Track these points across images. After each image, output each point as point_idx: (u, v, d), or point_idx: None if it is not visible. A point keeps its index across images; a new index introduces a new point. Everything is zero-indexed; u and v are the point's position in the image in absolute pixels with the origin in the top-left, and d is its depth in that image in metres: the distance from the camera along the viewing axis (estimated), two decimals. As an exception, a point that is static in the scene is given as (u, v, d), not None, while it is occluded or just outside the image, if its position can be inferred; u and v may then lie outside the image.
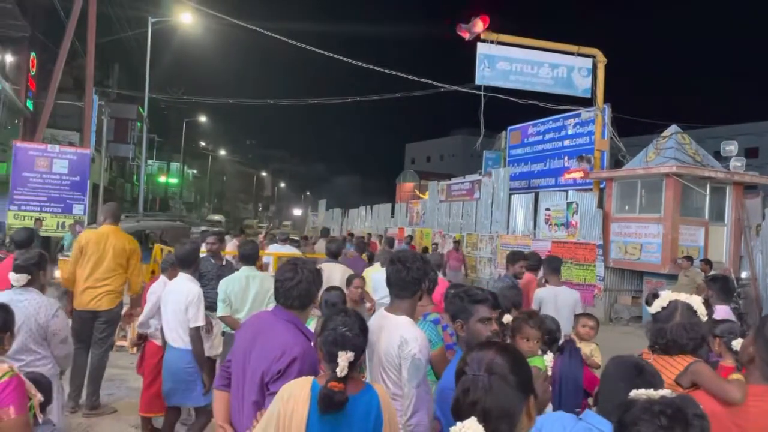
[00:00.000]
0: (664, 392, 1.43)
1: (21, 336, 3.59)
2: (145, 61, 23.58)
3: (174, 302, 4.52)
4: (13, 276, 3.76)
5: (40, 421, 2.81)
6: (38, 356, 3.72)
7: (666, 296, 2.74)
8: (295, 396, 2.18)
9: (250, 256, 5.35)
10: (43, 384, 3.05)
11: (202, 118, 49.49)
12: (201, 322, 4.50)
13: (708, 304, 2.80)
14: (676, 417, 1.33)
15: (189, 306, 4.46)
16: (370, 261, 8.88)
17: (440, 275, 6.16)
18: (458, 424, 1.41)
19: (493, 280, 13.65)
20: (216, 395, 2.87)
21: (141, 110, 29.26)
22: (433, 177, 30.76)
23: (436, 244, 18.31)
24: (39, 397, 2.80)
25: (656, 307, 2.73)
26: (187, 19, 22.01)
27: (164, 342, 4.71)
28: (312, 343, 2.62)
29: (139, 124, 32.97)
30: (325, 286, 3.84)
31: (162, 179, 49.74)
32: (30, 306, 3.70)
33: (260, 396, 2.55)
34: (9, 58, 22.70)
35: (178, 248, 4.85)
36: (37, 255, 4.05)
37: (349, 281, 5.35)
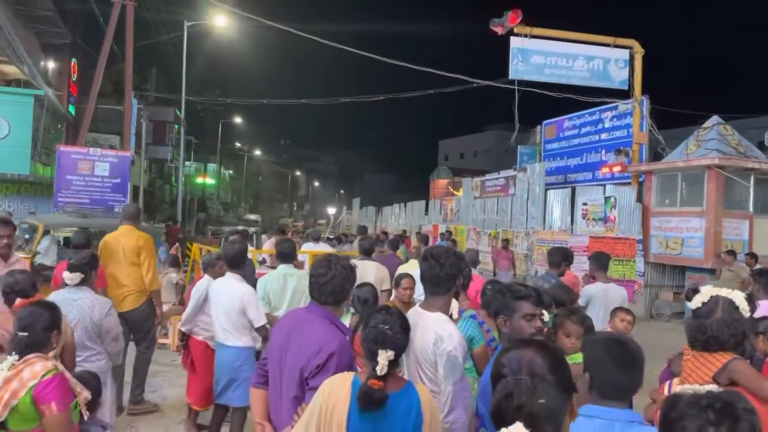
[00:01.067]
0: (710, 387, 1.39)
1: (77, 333, 3.75)
2: (182, 64, 24.02)
3: (226, 303, 4.61)
4: (67, 275, 3.91)
5: (86, 418, 2.89)
6: (93, 352, 3.90)
7: (707, 291, 2.66)
8: (336, 391, 2.19)
9: (287, 254, 5.40)
10: (92, 383, 3.14)
11: (238, 120, 50.17)
12: (264, 320, 4.61)
13: (751, 300, 2.70)
14: (725, 411, 1.29)
15: (247, 309, 4.57)
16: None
17: (475, 271, 6.11)
18: (503, 430, 1.36)
19: (533, 277, 13.52)
20: (253, 393, 2.91)
21: (178, 113, 29.81)
22: (467, 173, 30.57)
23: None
24: (85, 395, 2.88)
25: (696, 302, 2.64)
26: (221, 22, 22.32)
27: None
28: (347, 338, 2.65)
29: (176, 126, 33.59)
30: (358, 283, 3.87)
31: (199, 180, 50.58)
32: (85, 304, 3.87)
33: (300, 391, 2.57)
34: (51, 65, 23.40)
35: (227, 248, 4.95)
36: (89, 255, 4.22)
37: (397, 282, 5.22)
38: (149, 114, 29.37)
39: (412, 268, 6.63)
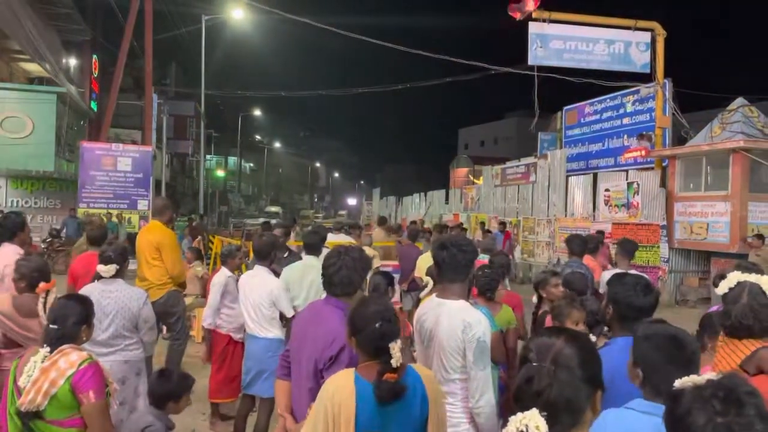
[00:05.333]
0: (709, 375, 1.35)
1: (116, 323, 3.91)
2: (201, 58, 24.17)
3: (256, 295, 4.69)
4: (102, 267, 4.01)
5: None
6: (131, 341, 4.02)
7: (733, 276, 2.58)
8: (341, 390, 2.18)
9: (312, 246, 5.44)
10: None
11: (257, 112, 50.43)
12: (293, 311, 4.70)
13: None
14: (729, 398, 1.26)
15: (277, 302, 4.67)
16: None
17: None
18: (519, 414, 1.37)
19: (556, 265, 13.42)
20: (277, 384, 2.95)
21: (198, 107, 30.05)
22: (487, 161, 30.35)
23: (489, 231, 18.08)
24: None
25: (723, 288, 2.58)
26: (239, 15, 22.39)
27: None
28: None
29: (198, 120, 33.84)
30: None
31: (220, 173, 51.00)
32: (122, 296, 3.99)
33: (315, 383, 2.60)
34: (73, 62, 23.72)
35: (256, 240, 5.03)
36: (121, 247, 4.34)
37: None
38: (170, 109, 29.65)
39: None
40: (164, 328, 8.15)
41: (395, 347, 2.14)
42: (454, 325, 2.70)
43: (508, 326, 4.29)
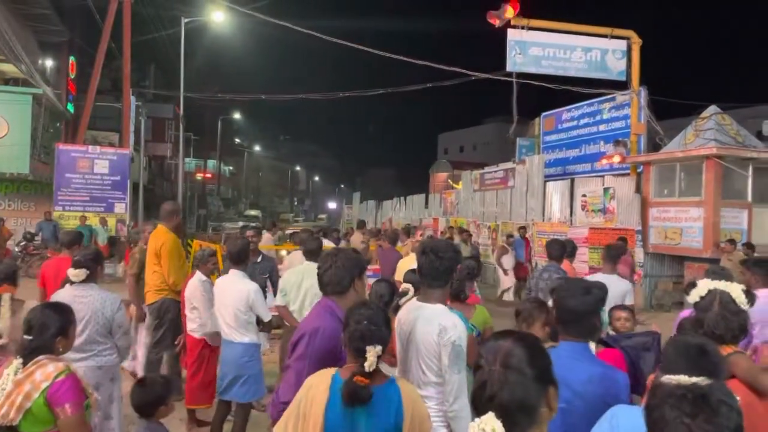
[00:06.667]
0: (698, 379, 1.35)
1: (90, 329, 3.85)
2: (180, 61, 23.97)
3: (233, 300, 4.67)
4: (72, 272, 3.94)
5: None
6: (105, 347, 3.97)
7: (704, 285, 2.66)
8: (316, 386, 2.23)
9: (312, 252, 5.45)
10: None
11: (237, 116, 50.11)
12: (270, 315, 4.80)
13: (750, 293, 2.69)
14: (701, 403, 1.28)
15: (254, 305, 4.67)
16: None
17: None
18: (476, 420, 1.39)
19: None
20: None
21: (177, 109, 29.80)
22: (466, 166, 30.53)
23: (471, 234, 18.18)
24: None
25: (695, 296, 2.66)
26: (218, 18, 22.27)
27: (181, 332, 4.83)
28: (336, 325, 2.68)
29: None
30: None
31: (199, 176, 50.55)
32: (96, 301, 3.93)
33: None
34: (49, 63, 23.38)
35: (231, 244, 5.01)
36: (93, 251, 4.29)
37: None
38: (148, 111, 29.34)
39: (412, 261, 6.67)
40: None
41: (372, 351, 2.16)
42: (430, 329, 2.74)
43: (485, 326, 4.33)
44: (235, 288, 4.69)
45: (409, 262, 6.74)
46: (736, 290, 2.60)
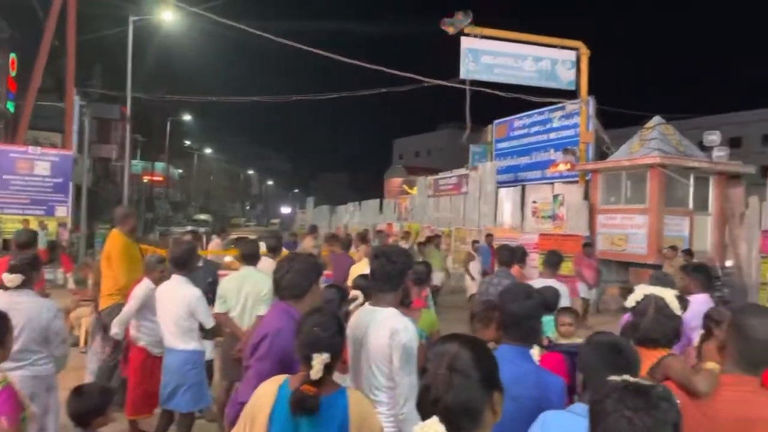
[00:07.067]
0: (641, 380, 1.42)
1: (24, 337, 3.65)
2: (127, 60, 23.31)
3: (174, 307, 4.51)
4: (7, 276, 3.75)
5: None
6: (41, 355, 3.79)
7: (640, 291, 2.79)
8: (265, 393, 2.21)
9: (250, 256, 5.30)
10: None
11: (187, 117, 49.08)
12: (213, 322, 4.63)
13: (683, 298, 2.84)
14: (642, 397, 1.33)
15: (196, 312, 4.51)
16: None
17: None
18: (420, 423, 1.39)
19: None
20: None
21: (124, 110, 28.96)
22: (421, 172, 30.79)
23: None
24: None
25: (631, 301, 2.78)
26: (168, 17, 21.76)
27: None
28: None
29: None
30: None
31: (146, 179, 49.28)
32: (32, 308, 3.74)
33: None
34: (-12, 60, 22.37)
35: (173, 249, 4.83)
36: (31, 256, 4.10)
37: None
38: (93, 111, 28.42)
39: (364, 267, 6.61)
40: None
41: (318, 359, 2.11)
42: (381, 333, 2.74)
43: (432, 330, 4.30)
44: (177, 294, 4.53)
45: (361, 268, 6.68)
46: (669, 296, 2.72)
